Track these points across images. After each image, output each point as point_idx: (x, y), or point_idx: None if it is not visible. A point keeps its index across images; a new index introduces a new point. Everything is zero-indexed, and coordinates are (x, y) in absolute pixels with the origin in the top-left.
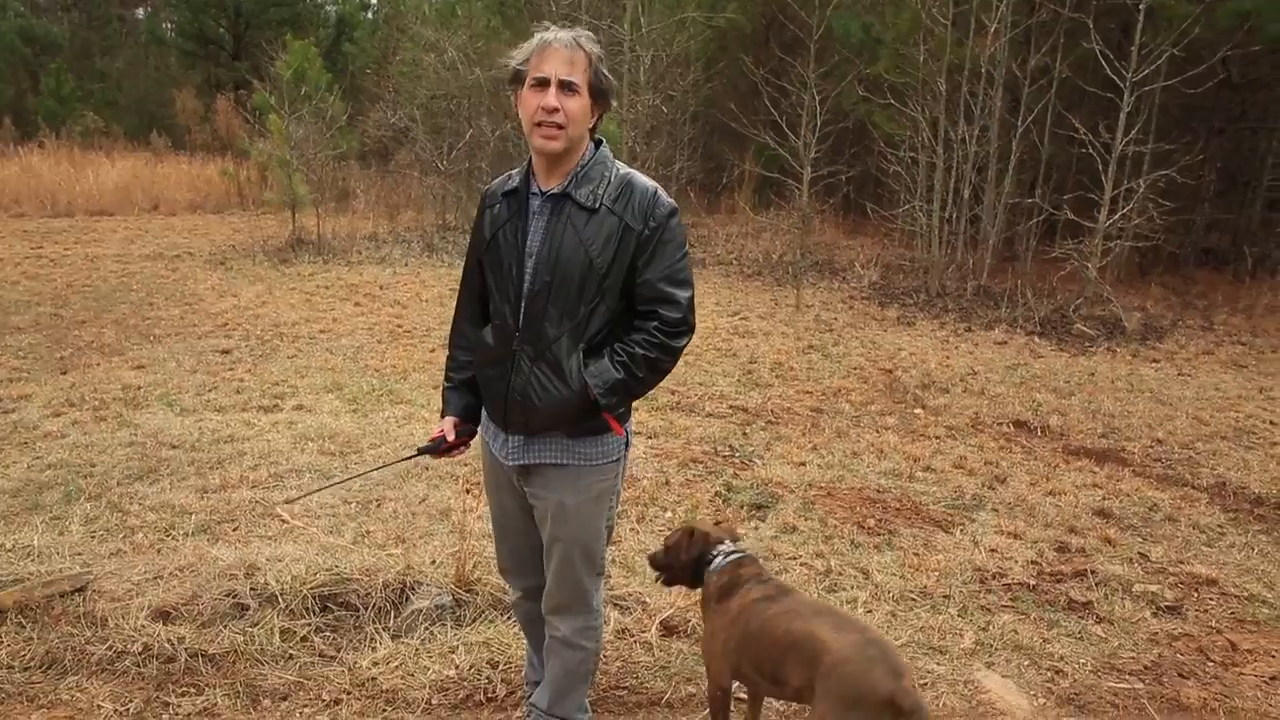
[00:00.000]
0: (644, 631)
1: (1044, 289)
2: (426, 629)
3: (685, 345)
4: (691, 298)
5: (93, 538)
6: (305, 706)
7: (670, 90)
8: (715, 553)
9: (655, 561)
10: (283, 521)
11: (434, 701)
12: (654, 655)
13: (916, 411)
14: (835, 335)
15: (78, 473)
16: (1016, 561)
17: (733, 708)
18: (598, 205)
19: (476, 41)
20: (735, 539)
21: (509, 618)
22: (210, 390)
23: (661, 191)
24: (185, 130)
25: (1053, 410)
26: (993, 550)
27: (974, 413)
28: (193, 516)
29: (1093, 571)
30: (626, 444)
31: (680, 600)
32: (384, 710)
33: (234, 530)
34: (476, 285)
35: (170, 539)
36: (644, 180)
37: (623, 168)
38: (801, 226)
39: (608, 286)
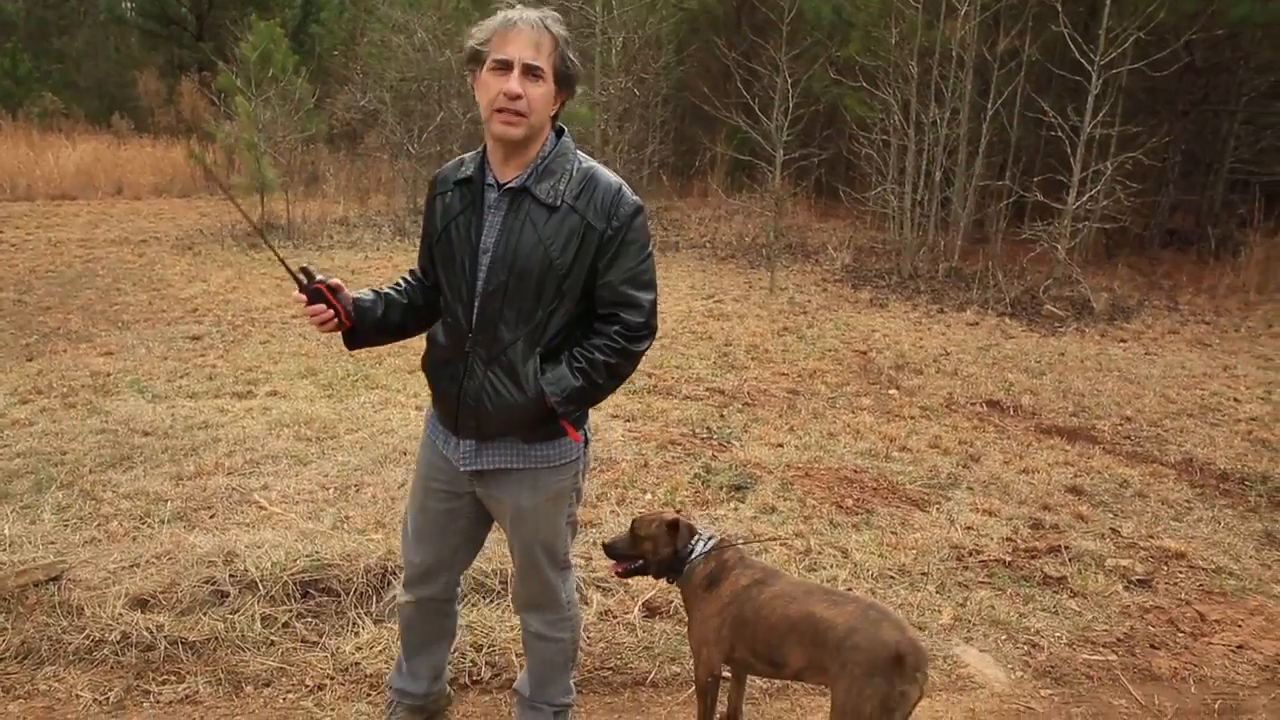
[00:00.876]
0: (626, 613)
1: (1014, 270)
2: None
3: (646, 349)
4: (654, 301)
5: (66, 526)
6: (288, 692)
7: (642, 73)
8: (695, 542)
9: (616, 551)
10: (260, 508)
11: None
12: (637, 636)
13: (891, 392)
14: (809, 317)
15: (48, 461)
16: (992, 538)
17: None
18: (559, 202)
19: (446, 23)
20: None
21: (491, 601)
22: (182, 376)
23: (626, 188)
24: (148, 112)
25: (1024, 390)
26: (968, 528)
27: (948, 393)
28: (168, 504)
29: (1066, 547)
30: (586, 442)
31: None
32: (368, 695)
33: (211, 517)
34: (425, 264)
35: (146, 526)
36: (608, 176)
37: (586, 161)
38: (774, 209)
39: (567, 288)
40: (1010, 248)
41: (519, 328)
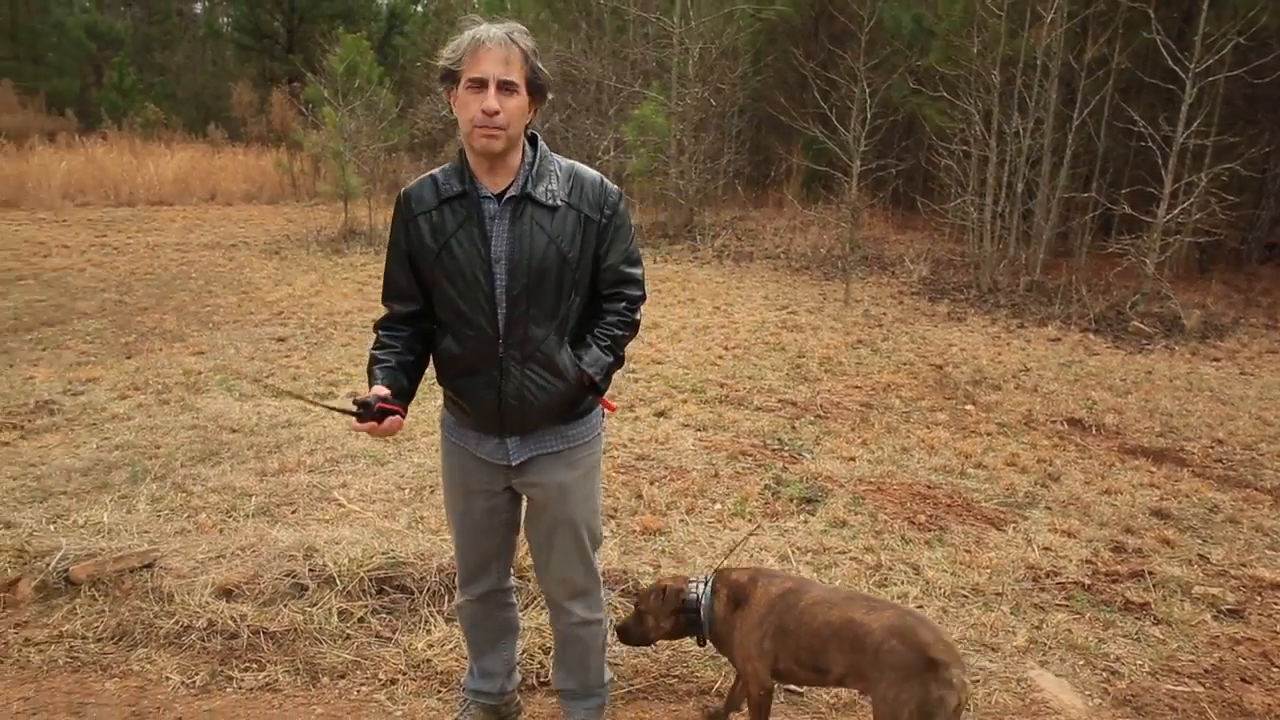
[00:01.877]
0: None
1: (1100, 285)
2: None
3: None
4: (643, 271)
5: (159, 516)
6: (362, 685)
7: (719, 83)
8: (692, 590)
9: (630, 634)
10: (339, 506)
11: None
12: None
13: (967, 408)
14: (884, 330)
15: (143, 454)
16: (1071, 560)
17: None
18: (556, 202)
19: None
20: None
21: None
22: (267, 376)
23: (606, 179)
24: (241, 122)
25: (1108, 408)
26: (1046, 548)
27: (1026, 410)
28: (253, 498)
29: (1150, 572)
30: (602, 414)
31: None
32: (438, 691)
33: (292, 513)
34: (414, 291)
35: (232, 519)
36: (587, 170)
37: (563, 160)
38: (851, 220)
39: (579, 279)
40: (1095, 262)
41: (547, 323)
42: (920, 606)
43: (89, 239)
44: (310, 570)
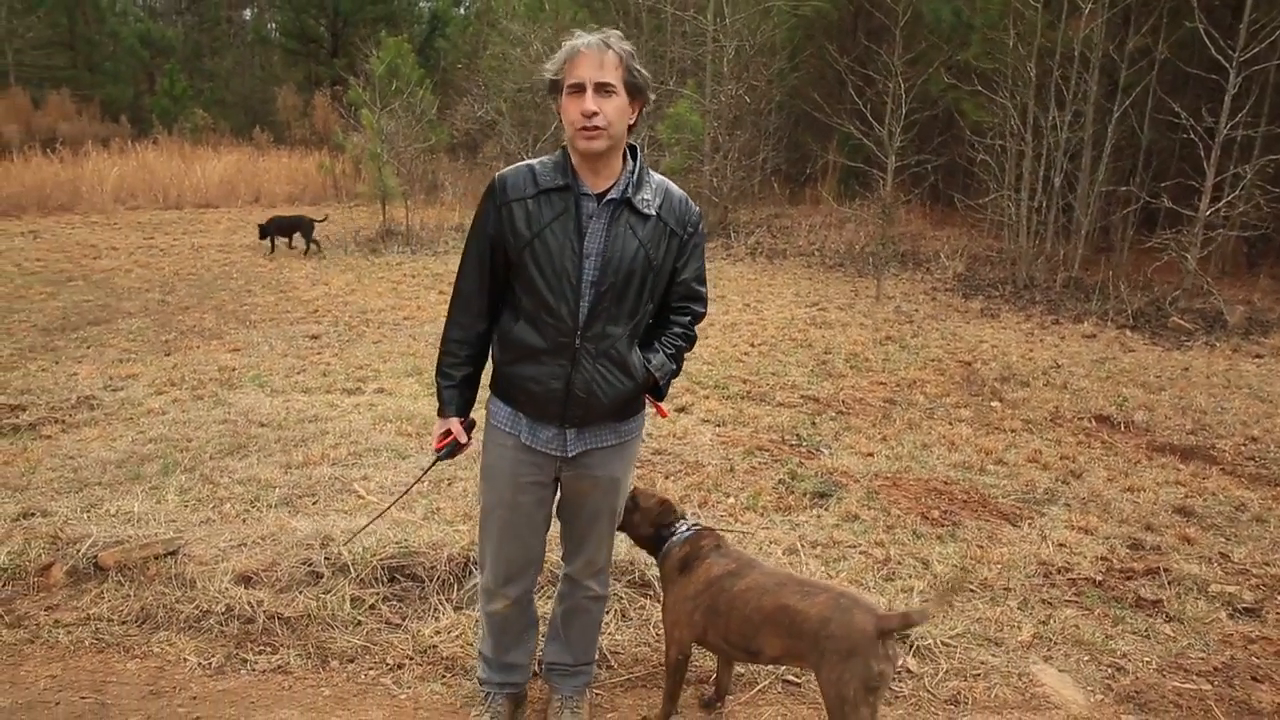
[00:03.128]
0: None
1: (1140, 281)
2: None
3: None
4: (707, 291)
5: (186, 506)
6: (370, 669)
7: (753, 80)
8: (679, 525)
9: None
10: (359, 497)
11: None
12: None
13: (993, 404)
14: (915, 327)
15: (175, 447)
16: (1085, 557)
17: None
18: (651, 211)
19: (563, 35)
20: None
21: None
22: (299, 373)
23: (689, 199)
24: (285, 126)
25: (1139, 405)
26: (1061, 545)
27: (1054, 406)
28: (276, 490)
29: (1166, 570)
30: (646, 412)
31: None
32: (443, 676)
33: (313, 504)
34: (489, 278)
35: (255, 510)
36: (676, 188)
37: (657, 175)
38: (883, 217)
39: (656, 287)
40: (1136, 257)
41: (625, 323)
42: (927, 601)
43: (137, 241)
44: (326, 559)
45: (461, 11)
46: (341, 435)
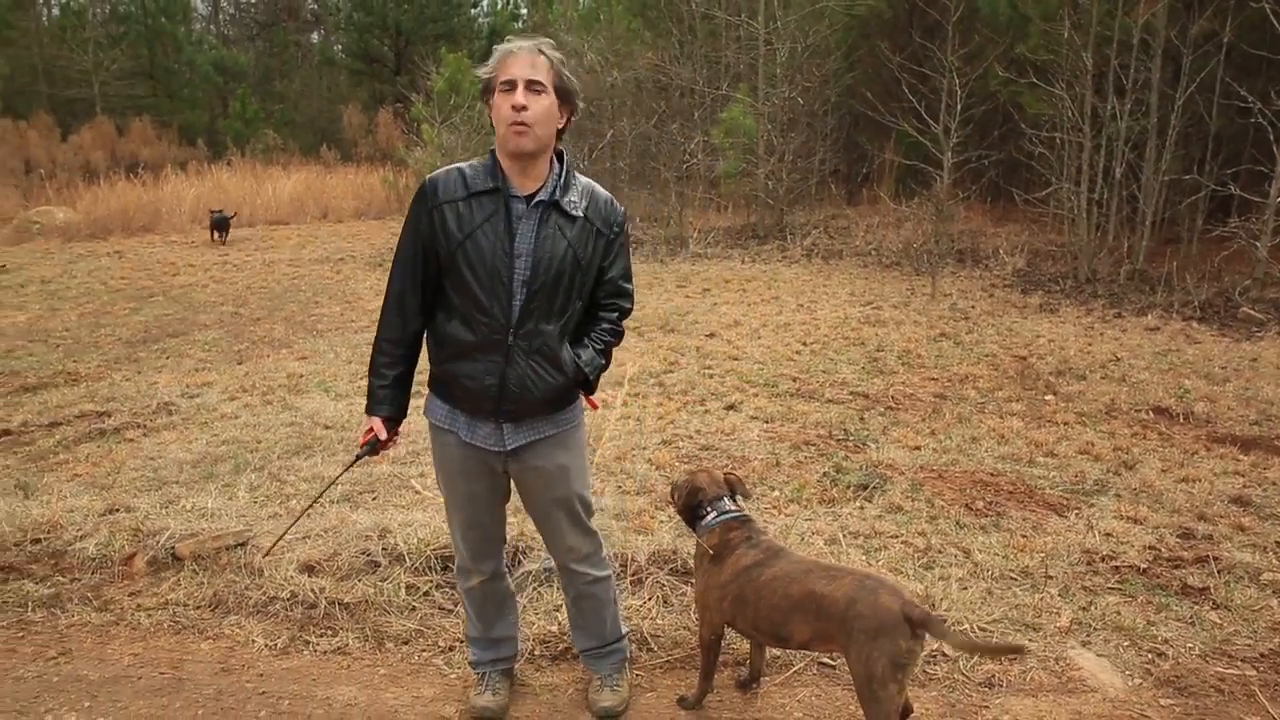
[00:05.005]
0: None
1: (1207, 271)
2: (534, 589)
3: None
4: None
5: (255, 502)
6: (423, 651)
7: (806, 82)
8: (710, 509)
9: (675, 486)
10: (416, 493)
11: (537, 653)
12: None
13: (1047, 398)
14: (970, 323)
15: (246, 448)
16: (1132, 546)
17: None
18: (578, 213)
19: (616, 44)
20: (740, 494)
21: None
22: (361, 378)
23: (614, 199)
24: (352, 143)
25: (1201, 397)
26: (1107, 534)
27: (1110, 399)
28: (338, 487)
29: (1216, 558)
30: (582, 402)
31: None
32: None
33: (373, 499)
34: (422, 278)
35: (318, 505)
36: (601, 189)
37: (583, 179)
38: (938, 214)
39: (584, 285)
40: (1205, 247)
41: (554, 320)
42: (965, 589)
43: (213, 258)
44: (383, 549)
45: (519, 25)
46: (402, 437)
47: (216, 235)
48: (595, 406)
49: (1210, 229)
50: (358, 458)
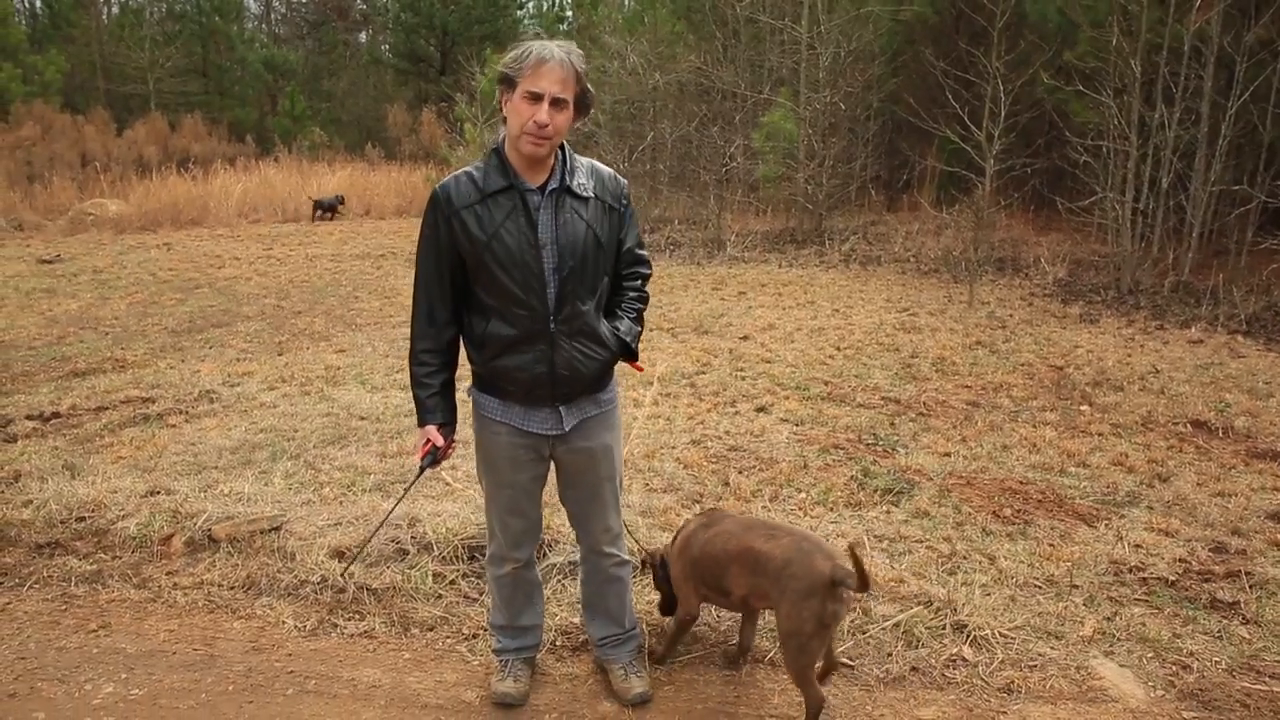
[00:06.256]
0: None
1: (1257, 284)
2: (558, 581)
3: None
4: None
5: (290, 489)
6: (448, 637)
7: (848, 87)
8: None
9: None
10: (446, 484)
11: (559, 643)
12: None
13: (1082, 408)
14: (1007, 332)
15: (283, 436)
16: (1162, 558)
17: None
18: (589, 193)
19: (659, 46)
20: None
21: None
22: (398, 371)
23: (617, 174)
24: (396, 142)
25: (1242, 411)
26: (1137, 546)
27: (1147, 411)
28: (371, 476)
29: (1249, 573)
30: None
31: None
32: None
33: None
34: (449, 287)
35: (351, 493)
36: (603, 166)
37: (583, 159)
38: (978, 221)
39: (609, 259)
40: (1254, 260)
41: (589, 300)
42: (987, 595)
43: (257, 251)
44: (412, 538)
45: (564, 28)
46: (456, 443)
47: (320, 214)
48: (641, 369)
49: (1260, 241)
50: (422, 470)
